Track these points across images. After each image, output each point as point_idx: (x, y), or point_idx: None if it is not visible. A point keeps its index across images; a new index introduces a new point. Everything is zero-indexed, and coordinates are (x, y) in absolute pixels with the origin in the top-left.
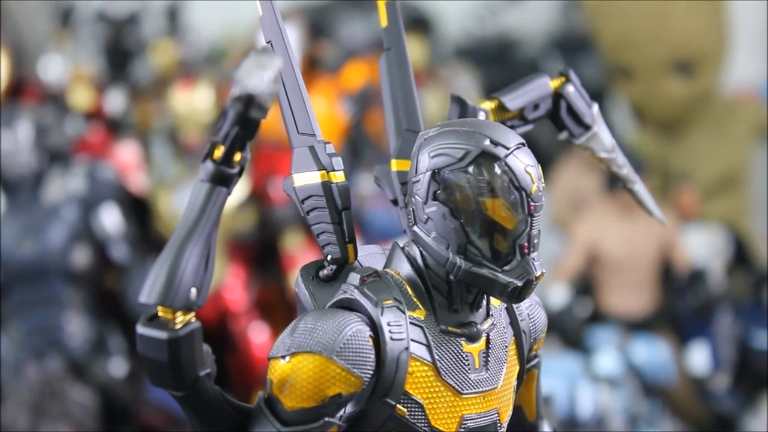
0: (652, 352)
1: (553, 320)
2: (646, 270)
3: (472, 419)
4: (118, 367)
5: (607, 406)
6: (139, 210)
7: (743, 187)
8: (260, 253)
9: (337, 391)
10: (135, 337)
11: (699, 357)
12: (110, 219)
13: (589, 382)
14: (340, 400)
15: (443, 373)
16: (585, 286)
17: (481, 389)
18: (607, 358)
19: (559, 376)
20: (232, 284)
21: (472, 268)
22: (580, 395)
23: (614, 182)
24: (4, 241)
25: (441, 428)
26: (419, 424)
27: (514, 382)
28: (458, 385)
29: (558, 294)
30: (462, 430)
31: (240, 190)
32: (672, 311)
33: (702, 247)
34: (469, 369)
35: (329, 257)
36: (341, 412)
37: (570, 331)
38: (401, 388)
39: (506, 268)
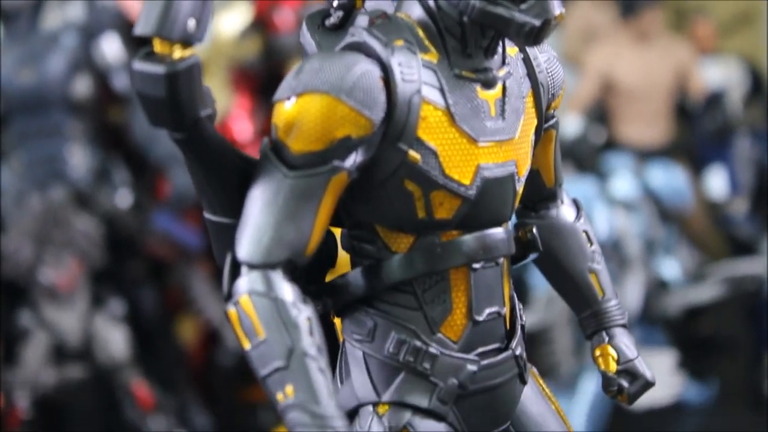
0: (669, 177)
1: (568, 148)
2: (662, 99)
3: (489, 169)
4: (123, 198)
5: (623, 230)
6: (141, 39)
7: (760, 22)
8: (265, 81)
9: (346, 132)
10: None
11: (716, 181)
12: (111, 48)
13: (605, 205)
14: (350, 143)
15: (458, 118)
16: (600, 115)
17: (497, 138)
18: (623, 182)
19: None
20: (237, 114)
21: (487, 7)
22: (595, 217)
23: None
24: (3, 71)
25: (456, 176)
26: (433, 172)
27: (532, 137)
28: (473, 132)
29: (572, 124)
30: (478, 179)
31: (243, 16)
32: (688, 141)
33: (719, 79)
34: (485, 116)
35: (335, 3)
36: (352, 159)
37: (585, 158)
38: (413, 132)
39: (523, 6)
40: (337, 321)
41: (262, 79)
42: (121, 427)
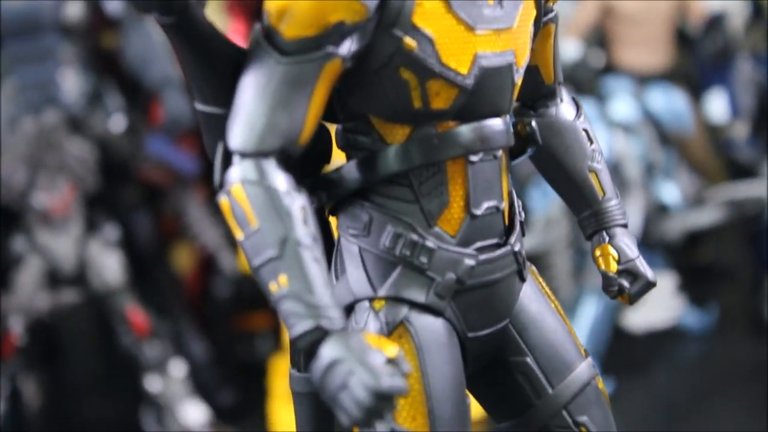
0: (669, 100)
1: (567, 73)
2: (661, 24)
3: (486, 58)
4: (116, 122)
5: (623, 153)
6: None
7: None
8: (260, 6)
9: (340, 17)
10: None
11: (717, 105)
12: None
13: (605, 127)
14: (344, 29)
15: (454, 5)
16: (599, 40)
17: (495, 26)
18: (622, 104)
19: None
20: (232, 39)
21: None
22: None
23: None
24: None
25: (453, 65)
26: (429, 60)
27: (531, 28)
28: (471, 20)
29: (571, 48)
30: (475, 68)
31: None
32: (688, 65)
33: (719, 2)
34: (482, 4)
35: None
36: (346, 47)
37: (584, 82)
38: (409, 19)
39: None
40: (332, 219)
41: (257, 4)
42: (117, 354)
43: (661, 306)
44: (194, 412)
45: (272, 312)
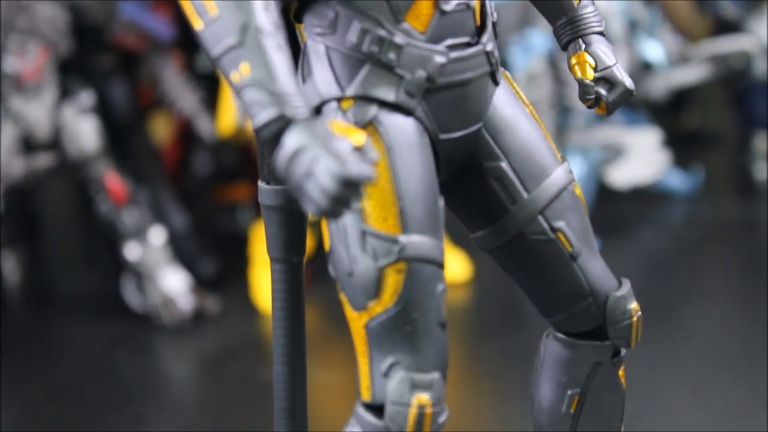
0: None
1: None
2: None
3: None
4: None
5: (605, 8)
6: None
7: None
8: None
9: None
10: None
11: None
12: None
13: None
14: None
15: None
16: None
17: None
18: None
19: None
20: None
21: None
22: None
23: None
24: None
25: None
26: None
27: None
28: None
29: None
30: None
31: None
32: None
33: None
34: None
35: None
36: None
37: None
38: None
39: None
40: (299, 26)
41: None
42: (95, 227)
43: (645, 161)
44: (175, 279)
45: (253, 183)
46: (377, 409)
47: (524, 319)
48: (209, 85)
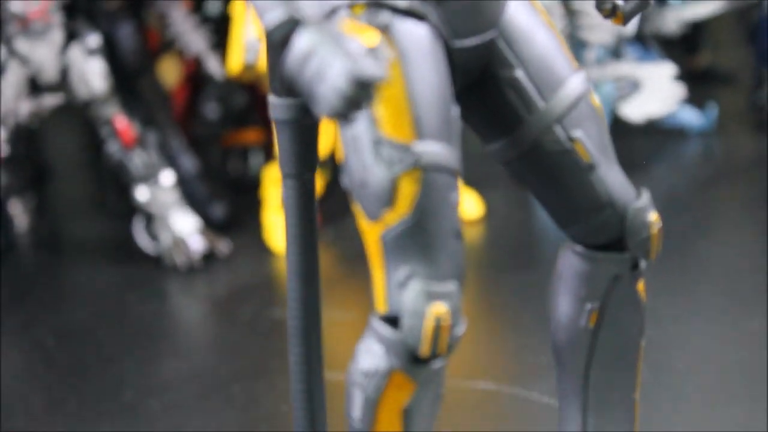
0: None
1: None
2: None
3: None
4: None
5: None
6: None
7: None
8: None
9: None
10: None
11: None
12: None
13: None
14: None
15: None
16: None
17: None
18: None
19: None
20: None
21: None
22: None
23: None
24: None
25: None
26: None
27: None
28: None
29: None
30: None
31: None
32: None
33: None
34: None
35: None
36: None
37: None
38: None
39: None
40: None
41: None
42: (105, 168)
43: (659, 95)
44: (186, 220)
45: (264, 127)
46: (393, 321)
47: (537, 255)
48: (218, 27)
